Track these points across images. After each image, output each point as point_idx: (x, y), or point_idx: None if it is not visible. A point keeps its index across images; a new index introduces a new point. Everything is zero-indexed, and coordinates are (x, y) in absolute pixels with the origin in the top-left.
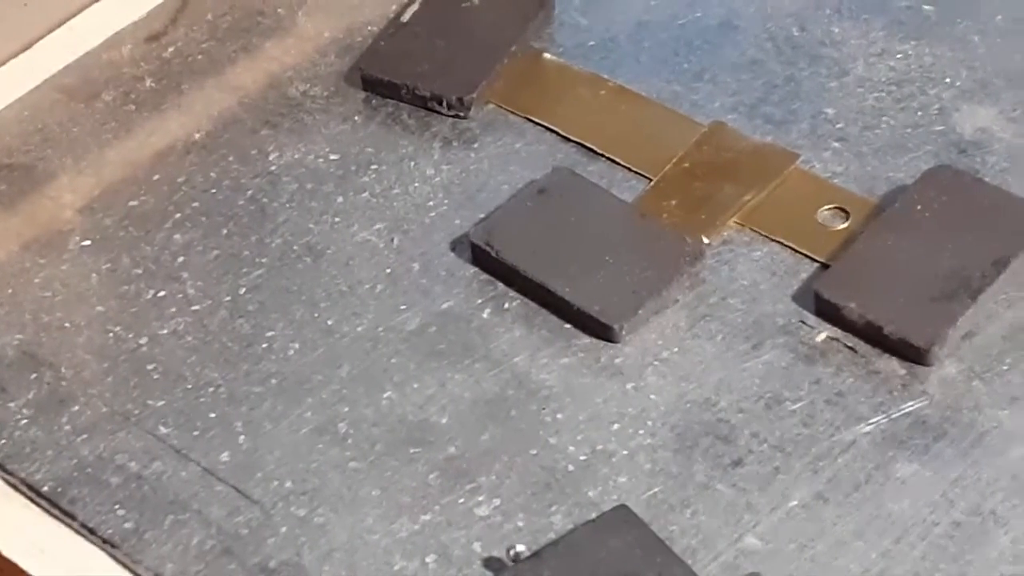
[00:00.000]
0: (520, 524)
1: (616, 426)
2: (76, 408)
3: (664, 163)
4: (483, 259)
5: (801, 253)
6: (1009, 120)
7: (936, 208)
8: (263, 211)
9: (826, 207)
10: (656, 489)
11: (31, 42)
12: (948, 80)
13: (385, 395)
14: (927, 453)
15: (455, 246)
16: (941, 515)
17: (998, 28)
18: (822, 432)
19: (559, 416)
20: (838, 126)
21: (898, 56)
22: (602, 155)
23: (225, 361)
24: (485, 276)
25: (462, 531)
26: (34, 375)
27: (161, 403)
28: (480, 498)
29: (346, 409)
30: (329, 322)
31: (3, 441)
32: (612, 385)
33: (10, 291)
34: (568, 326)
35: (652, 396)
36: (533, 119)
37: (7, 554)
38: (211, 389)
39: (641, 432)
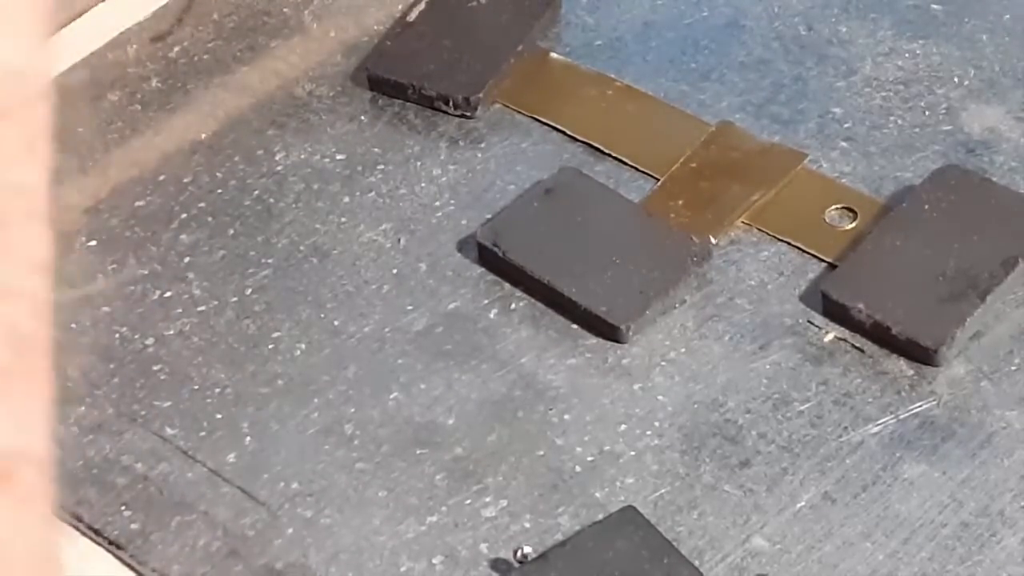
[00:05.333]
0: (527, 525)
1: (623, 427)
2: (82, 409)
3: (671, 163)
4: (490, 259)
5: (809, 253)
6: (1017, 120)
7: (944, 208)
8: (269, 211)
9: (834, 207)
10: (663, 490)
11: None
12: (956, 79)
13: (392, 396)
14: (935, 454)
15: (462, 246)
16: (949, 516)
17: (1006, 27)
18: (830, 433)
19: (566, 417)
20: (846, 126)
21: (906, 55)
22: (609, 155)
23: (231, 362)
24: (492, 276)
25: (469, 532)
26: None
27: (167, 404)
28: (487, 499)
29: (352, 410)
30: (335, 323)
31: None
32: (619, 386)
33: None
34: (575, 326)
35: (659, 397)
36: (540, 119)
37: None
38: (217, 390)
39: (648, 433)
